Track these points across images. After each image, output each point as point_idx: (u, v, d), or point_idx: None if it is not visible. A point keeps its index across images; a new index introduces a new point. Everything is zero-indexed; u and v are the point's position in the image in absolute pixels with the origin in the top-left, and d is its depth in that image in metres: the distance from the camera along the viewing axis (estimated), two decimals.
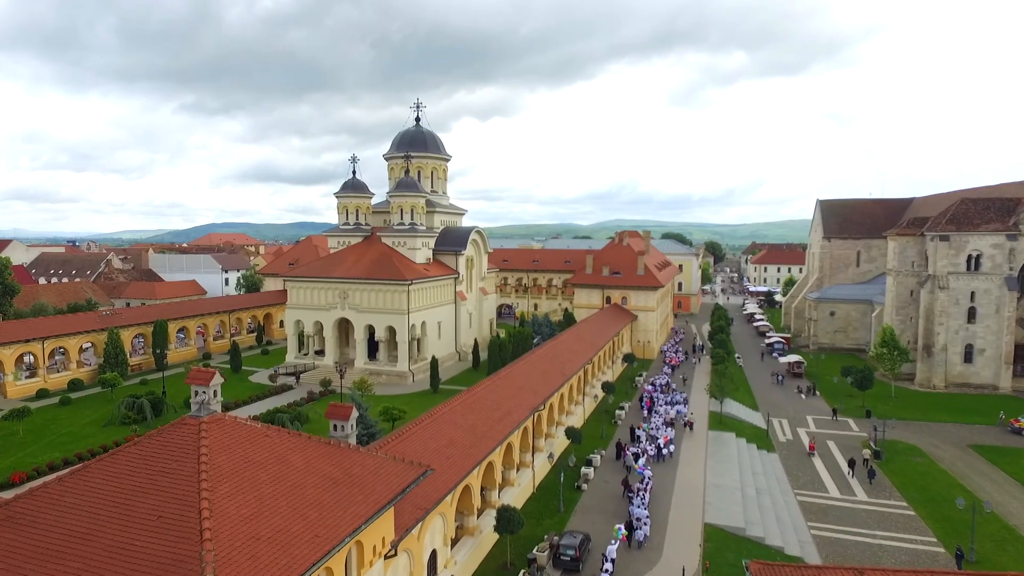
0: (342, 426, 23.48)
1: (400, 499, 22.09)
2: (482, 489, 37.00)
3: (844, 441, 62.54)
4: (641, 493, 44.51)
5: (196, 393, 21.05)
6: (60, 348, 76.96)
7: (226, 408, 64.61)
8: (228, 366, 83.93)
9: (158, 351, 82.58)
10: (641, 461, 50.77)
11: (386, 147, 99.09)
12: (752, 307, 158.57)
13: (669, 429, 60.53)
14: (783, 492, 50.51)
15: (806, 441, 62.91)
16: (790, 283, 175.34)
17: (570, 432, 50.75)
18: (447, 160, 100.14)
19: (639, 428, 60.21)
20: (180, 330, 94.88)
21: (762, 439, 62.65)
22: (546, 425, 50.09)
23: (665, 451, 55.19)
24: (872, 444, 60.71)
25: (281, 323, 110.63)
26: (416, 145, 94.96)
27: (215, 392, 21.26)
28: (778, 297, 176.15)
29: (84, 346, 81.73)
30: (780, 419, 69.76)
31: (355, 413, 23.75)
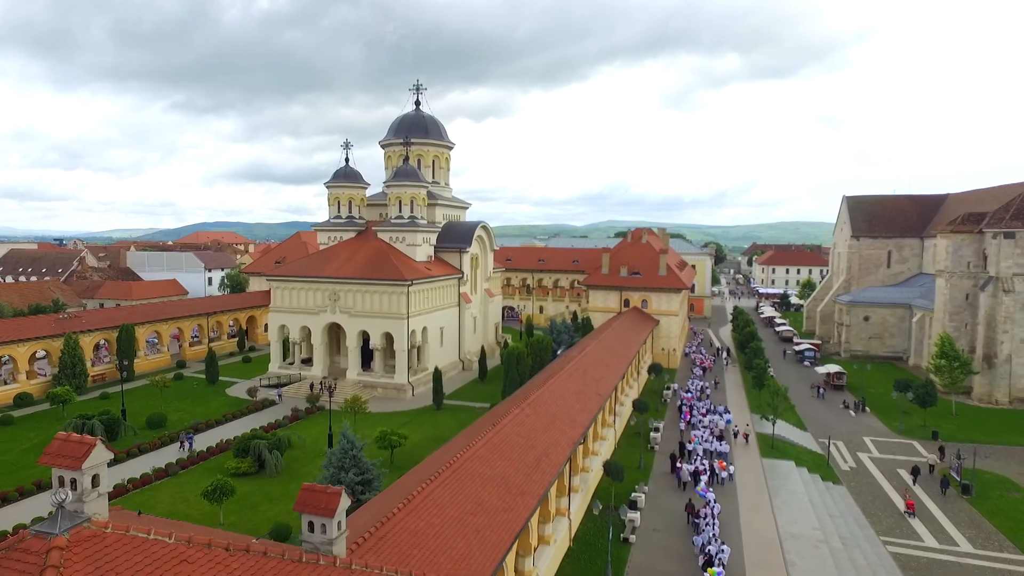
0: (324, 526, 13.83)
1: None
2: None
3: (922, 477, 53.42)
4: (709, 520, 37.57)
5: (59, 482, 11.74)
6: (6, 356, 67.15)
7: (197, 430, 55.19)
8: (203, 376, 74.50)
9: (121, 360, 72.71)
10: (703, 484, 44.08)
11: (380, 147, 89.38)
12: (769, 310, 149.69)
13: (722, 443, 53.40)
14: (870, 541, 41.39)
15: (871, 468, 54.12)
16: (808, 285, 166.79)
17: (610, 467, 41.52)
18: (450, 148, 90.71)
19: (690, 442, 52.90)
20: (152, 335, 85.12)
21: (823, 467, 53.53)
22: (582, 458, 40.92)
23: (724, 474, 47.73)
24: (955, 474, 51.86)
25: (266, 327, 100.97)
26: (416, 130, 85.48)
27: (93, 480, 11.89)
28: (794, 299, 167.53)
29: (39, 354, 72.01)
30: (835, 441, 60.69)
31: (343, 505, 14.34)
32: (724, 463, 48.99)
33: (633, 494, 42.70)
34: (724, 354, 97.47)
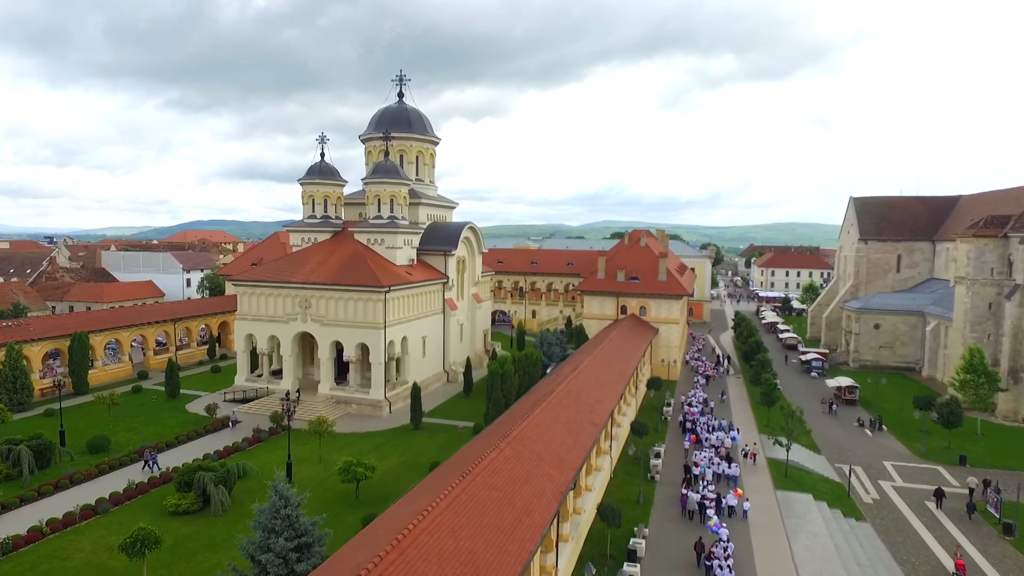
0: None
1: None
2: None
3: (947, 502, 47.81)
4: (721, 563, 32.65)
5: None
6: None
7: (140, 454, 49.05)
8: (163, 389, 68.45)
9: (70, 372, 66.60)
10: (713, 517, 39.06)
11: None
12: (770, 315, 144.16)
13: (731, 465, 48.34)
14: None
15: (896, 500, 48.42)
16: (811, 289, 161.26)
17: (605, 511, 35.64)
18: (435, 143, 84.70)
19: (696, 465, 47.79)
20: (113, 342, 78.94)
21: (844, 500, 47.80)
22: (573, 500, 35.02)
23: (735, 503, 42.21)
24: (993, 510, 46.20)
25: None
26: (399, 123, 79.47)
27: None
28: (796, 304, 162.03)
29: None
30: (854, 467, 54.93)
31: None
32: (740, 491, 43.57)
33: (632, 540, 36.82)
34: (725, 363, 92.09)
